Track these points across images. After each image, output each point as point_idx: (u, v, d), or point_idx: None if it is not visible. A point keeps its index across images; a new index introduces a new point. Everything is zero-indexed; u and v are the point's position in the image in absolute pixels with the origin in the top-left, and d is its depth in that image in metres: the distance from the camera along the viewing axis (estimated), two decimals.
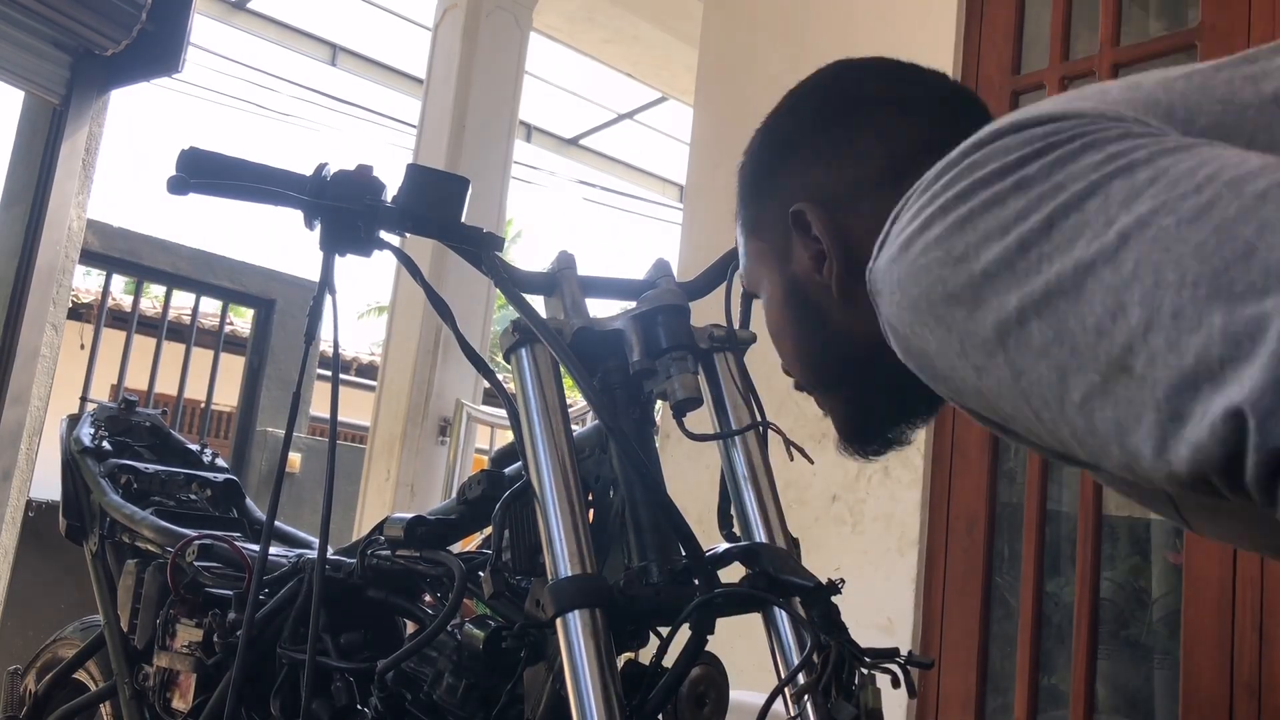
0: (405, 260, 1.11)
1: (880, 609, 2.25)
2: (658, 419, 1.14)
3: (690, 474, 2.27)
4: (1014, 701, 2.12)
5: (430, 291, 1.11)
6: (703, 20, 3.09)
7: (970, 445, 2.24)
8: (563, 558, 0.96)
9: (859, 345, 0.80)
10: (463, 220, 1.09)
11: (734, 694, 1.03)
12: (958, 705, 2.20)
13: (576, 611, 0.93)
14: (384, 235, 1.09)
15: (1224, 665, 1.86)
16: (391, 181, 1.08)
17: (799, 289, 0.83)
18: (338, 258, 1.08)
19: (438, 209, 1.07)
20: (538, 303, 1.13)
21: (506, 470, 1.21)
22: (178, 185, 1.02)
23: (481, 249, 1.09)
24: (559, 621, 0.93)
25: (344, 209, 1.05)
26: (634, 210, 9.28)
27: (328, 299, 1.10)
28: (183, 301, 5.30)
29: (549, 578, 0.96)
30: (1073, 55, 2.28)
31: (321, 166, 1.08)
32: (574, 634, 0.92)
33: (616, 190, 8.44)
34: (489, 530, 1.12)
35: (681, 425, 1.00)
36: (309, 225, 1.07)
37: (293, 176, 1.07)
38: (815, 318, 0.82)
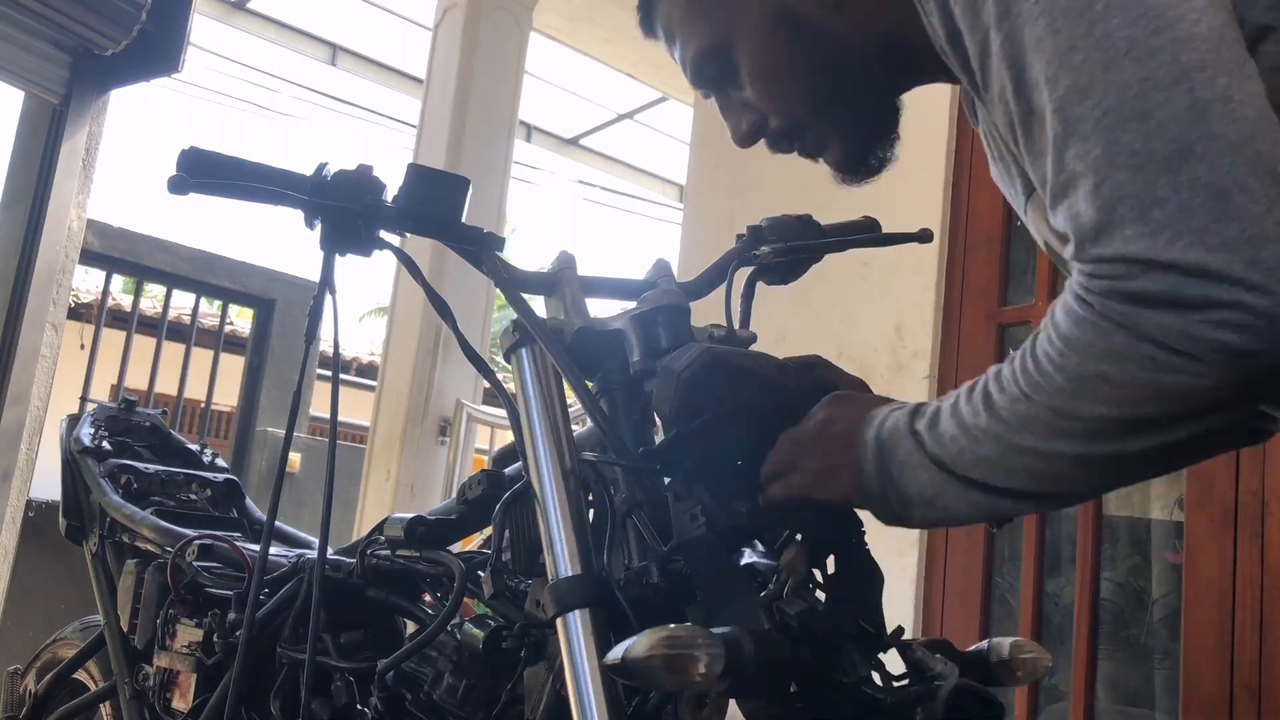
0: (405, 260, 1.11)
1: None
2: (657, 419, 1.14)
3: None
4: (1014, 701, 2.12)
5: (430, 291, 1.11)
6: None
7: None
8: (563, 558, 0.96)
9: (855, 50, 0.81)
10: (463, 220, 1.09)
11: None
12: None
13: (577, 611, 0.93)
14: (384, 235, 1.08)
15: (1224, 665, 1.86)
16: (391, 181, 1.08)
17: (785, 9, 0.82)
18: (338, 258, 1.08)
19: (438, 209, 1.07)
20: (538, 303, 1.13)
21: (506, 470, 1.21)
22: (178, 185, 1.01)
23: (481, 249, 1.09)
24: (559, 621, 0.93)
25: (344, 209, 1.05)
26: (634, 210, 9.28)
27: (328, 299, 1.10)
28: (183, 301, 5.30)
29: (549, 578, 0.96)
30: None
31: (321, 166, 1.07)
32: (574, 634, 0.92)
33: (617, 190, 8.44)
34: (489, 530, 1.12)
35: None
36: (309, 225, 1.07)
37: (293, 176, 1.07)
38: (809, 33, 0.81)
